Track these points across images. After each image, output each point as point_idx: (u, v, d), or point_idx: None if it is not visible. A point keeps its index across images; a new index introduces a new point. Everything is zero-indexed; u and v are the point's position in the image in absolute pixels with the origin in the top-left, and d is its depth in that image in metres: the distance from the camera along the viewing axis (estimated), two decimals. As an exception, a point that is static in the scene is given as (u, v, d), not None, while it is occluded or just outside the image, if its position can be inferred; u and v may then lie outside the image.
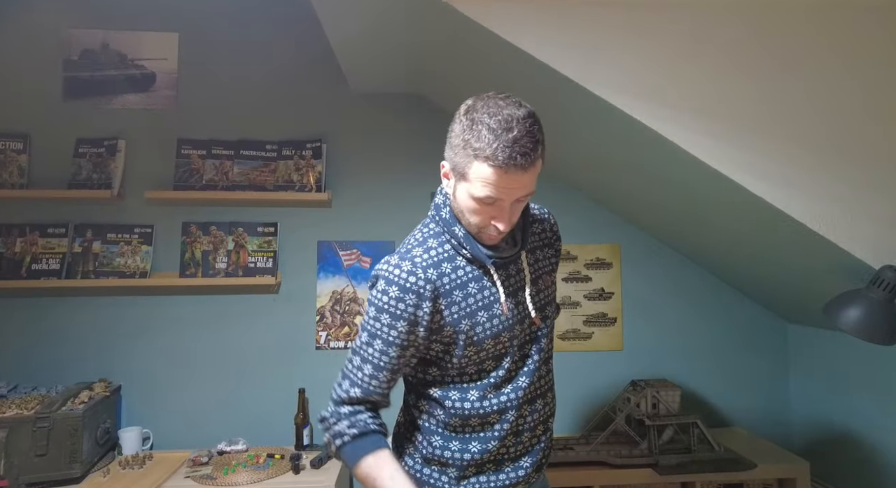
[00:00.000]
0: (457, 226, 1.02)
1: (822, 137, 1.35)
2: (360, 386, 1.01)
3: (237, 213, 2.27)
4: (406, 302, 0.97)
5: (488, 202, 0.92)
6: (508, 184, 0.90)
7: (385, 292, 0.98)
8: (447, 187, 1.02)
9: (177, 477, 1.89)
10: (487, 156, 0.88)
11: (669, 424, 1.98)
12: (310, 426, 2.17)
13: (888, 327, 1.34)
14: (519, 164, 0.87)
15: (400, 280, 0.98)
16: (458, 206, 0.98)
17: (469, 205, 0.95)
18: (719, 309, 2.40)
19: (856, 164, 1.35)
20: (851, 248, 1.40)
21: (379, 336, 0.99)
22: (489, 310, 1.02)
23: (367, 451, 0.98)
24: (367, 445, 0.98)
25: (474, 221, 0.97)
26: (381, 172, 2.34)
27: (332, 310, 2.30)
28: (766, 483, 1.99)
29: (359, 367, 1.02)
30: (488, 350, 1.03)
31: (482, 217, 0.96)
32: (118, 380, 2.18)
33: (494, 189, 0.90)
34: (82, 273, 2.15)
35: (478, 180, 0.90)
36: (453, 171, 0.96)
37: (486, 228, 0.97)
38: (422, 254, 1.01)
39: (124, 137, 2.25)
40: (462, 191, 0.95)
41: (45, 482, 1.78)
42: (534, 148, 0.89)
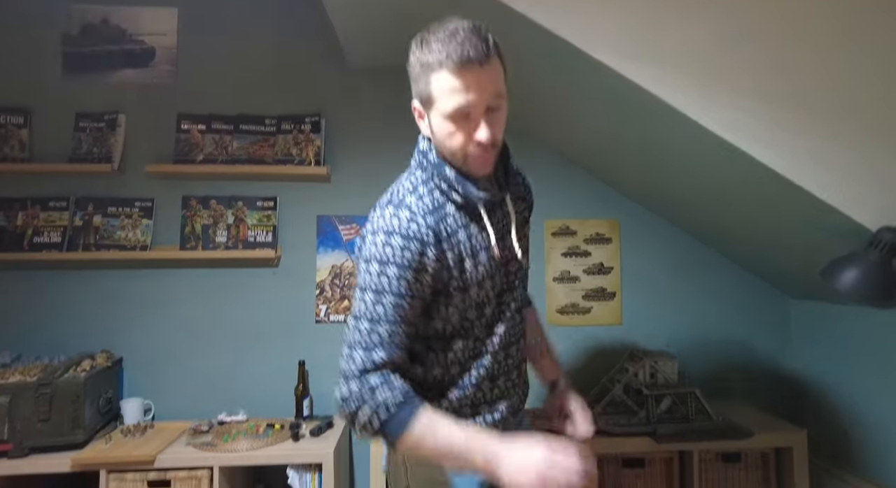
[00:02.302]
0: (446, 167, 1.00)
1: (824, 101, 1.34)
2: (382, 347, 0.95)
3: (237, 188, 2.28)
4: (411, 250, 0.95)
5: (461, 115, 0.92)
6: (472, 84, 0.89)
7: (387, 243, 0.95)
8: (425, 128, 1.02)
9: (178, 444, 1.91)
10: (441, 61, 0.89)
11: (667, 394, 1.99)
12: (309, 397, 2.18)
13: (885, 288, 1.34)
14: (473, 59, 0.88)
15: (401, 229, 0.96)
16: (439, 140, 0.98)
17: (445, 128, 0.95)
18: (719, 284, 2.40)
19: (856, 127, 1.34)
20: (850, 211, 1.39)
21: (388, 290, 0.95)
22: (476, 256, 1.02)
23: (416, 413, 0.91)
24: (414, 407, 0.92)
25: (456, 144, 0.95)
26: (381, 147, 2.33)
27: (332, 284, 2.31)
28: (763, 452, 2.00)
29: (372, 330, 0.95)
30: (473, 298, 1.03)
31: (462, 136, 0.94)
32: (119, 353, 2.20)
33: (460, 94, 0.90)
34: (83, 246, 2.16)
35: (442, 95, 0.91)
36: (422, 103, 0.97)
37: (471, 151, 0.96)
38: (416, 202, 0.99)
39: (124, 112, 2.25)
40: (435, 117, 0.95)
41: (49, 446, 1.80)
42: (484, 43, 0.89)
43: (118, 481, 1.82)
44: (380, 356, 0.93)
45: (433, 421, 0.91)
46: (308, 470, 1.92)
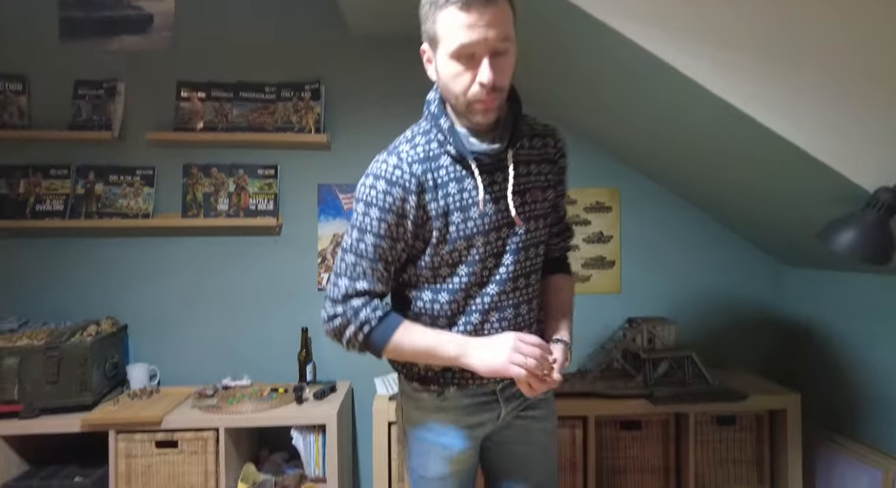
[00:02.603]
0: (443, 117, 1.03)
1: (824, 62, 1.33)
2: (364, 278, 1.03)
3: (237, 155, 2.28)
4: (393, 195, 1.00)
5: (465, 54, 0.92)
6: (477, 24, 0.89)
7: (373, 186, 1.01)
8: (432, 74, 1.03)
9: (183, 407, 1.95)
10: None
11: (664, 358, 2.02)
12: (313, 363, 2.22)
13: (882, 247, 1.35)
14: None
15: (386, 173, 1.01)
16: (443, 83, 0.99)
17: (449, 69, 0.95)
18: (717, 252, 2.42)
19: (853, 88, 1.34)
20: (848, 172, 1.40)
21: (370, 230, 1.01)
22: (466, 211, 1.04)
23: (395, 326, 1.03)
24: (393, 321, 1.03)
25: (459, 87, 0.96)
26: (381, 115, 2.33)
27: (334, 252, 2.33)
28: (757, 414, 2.05)
29: (355, 263, 1.03)
30: (461, 251, 1.06)
31: (466, 78, 0.94)
32: (124, 320, 2.23)
33: (465, 31, 0.89)
34: (86, 214, 2.18)
35: (448, 32, 0.91)
36: (429, 44, 0.98)
37: (473, 94, 0.95)
38: (408, 150, 1.03)
39: (123, 79, 2.24)
40: (441, 58, 0.96)
41: (58, 408, 1.84)
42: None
43: (127, 441, 1.87)
44: (362, 286, 1.02)
45: (410, 328, 1.04)
46: (312, 432, 1.96)
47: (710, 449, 2.04)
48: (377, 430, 1.93)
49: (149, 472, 1.87)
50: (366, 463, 2.33)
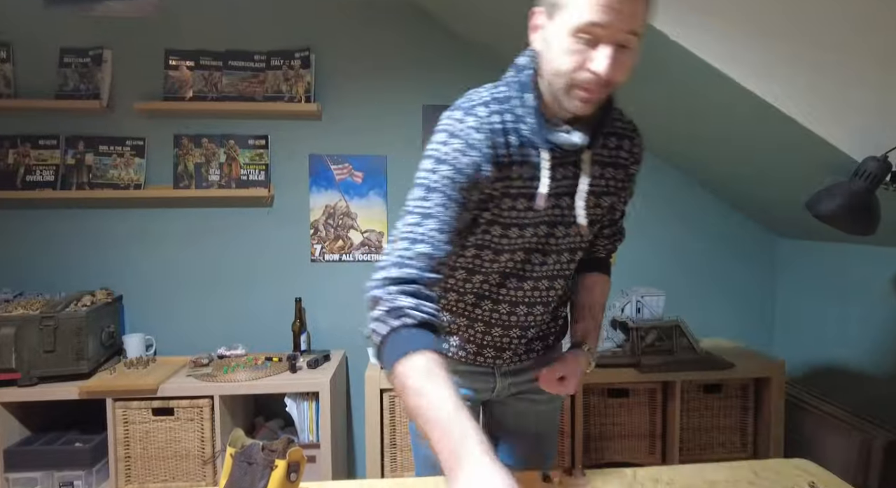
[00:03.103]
0: (531, 92, 0.91)
1: (815, 31, 1.32)
2: (427, 242, 0.86)
3: (228, 126, 2.26)
4: (470, 156, 0.88)
5: (589, 33, 0.79)
6: (615, 5, 0.77)
7: (446, 143, 0.89)
8: (537, 42, 0.89)
9: (179, 376, 1.99)
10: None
11: (653, 327, 2.05)
12: (307, 333, 2.25)
13: (867, 217, 1.36)
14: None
15: (462, 133, 0.89)
16: (549, 56, 0.85)
17: (563, 44, 0.82)
18: (709, 222, 2.43)
19: (843, 56, 1.33)
20: (837, 142, 1.40)
21: (438, 189, 0.88)
22: (528, 199, 0.94)
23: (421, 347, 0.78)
24: (423, 340, 0.80)
25: (567, 66, 0.83)
26: (372, 84, 2.30)
27: (326, 223, 2.33)
28: (743, 383, 2.09)
29: (418, 223, 0.87)
30: (511, 239, 0.98)
31: (578, 59, 0.82)
32: (118, 291, 2.24)
33: (600, 9, 0.77)
34: (77, 185, 2.17)
35: (578, 3, 0.78)
36: (547, 8, 0.84)
37: (579, 79, 0.83)
38: (486, 116, 0.91)
39: (110, 47, 2.20)
40: (557, 28, 0.82)
41: (55, 376, 1.88)
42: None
43: (124, 409, 1.91)
44: (423, 249, 0.85)
45: (431, 373, 0.76)
46: (305, 399, 2.00)
47: (695, 416, 2.09)
48: (370, 398, 1.97)
49: (146, 439, 1.92)
50: (359, 429, 2.38)
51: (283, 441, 0.99)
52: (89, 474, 1.90)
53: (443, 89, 2.31)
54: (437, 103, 2.30)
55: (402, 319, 0.81)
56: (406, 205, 0.90)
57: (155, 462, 1.93)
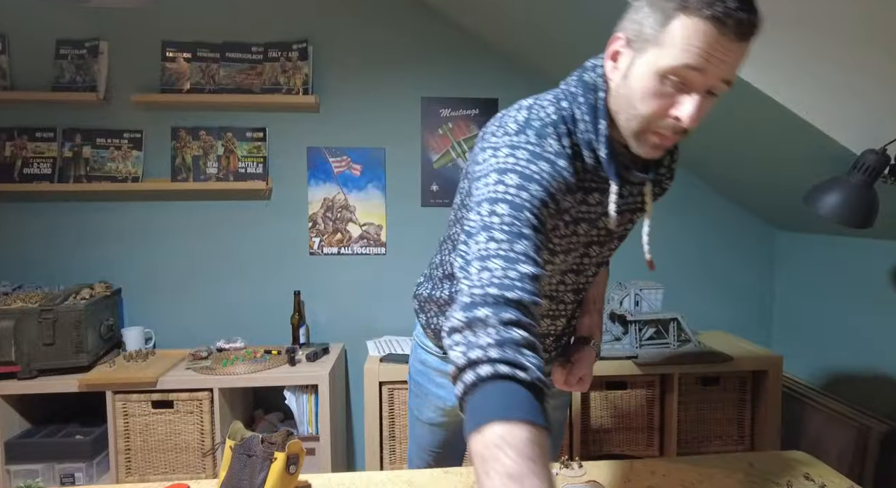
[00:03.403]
0: (605, 119, 0.81)
1: (811, 21, 1.31)
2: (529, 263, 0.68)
3: (226, 118, 2.25)
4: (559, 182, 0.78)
5: (681, 78, 0.72)
6: (718, 52, 0.69)
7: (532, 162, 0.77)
8: (613, 71, 0.80)
9: (178, 369, 1.99)
10: (704, 3, 0.68)
11: (651, 321, 2.06)
12: (305, 326, 2.25)
13: (864, 211, 1.36)
14: (743, 22, 0.68)
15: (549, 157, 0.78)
16: (628, 92, 0.77)
17: (648, 85, 0.74)
18: (707, 215, 2.43)
19: (844, 50, 1.32)
20: (836, 134, 1.40)
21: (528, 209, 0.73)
22: (574, 225, 0.89)
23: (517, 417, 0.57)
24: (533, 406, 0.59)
25: (647, 110, 0.75)
26: (371, 76, 2.29)
27: (324, 216, 2.33)
28: (741, 376, 2.10)
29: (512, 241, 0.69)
30: (554, 265, 0.93)
31: (660, 103, 0.74)
32: (117, 284, 2.24)
33: (700, 54, 0.69)
34: (74, 177, 2.16)
35: (678, 42, 0.70)
36: (636, 39, 0.75)
37: (658, 126, 0.77)
38: (560, 139, 0.81)
39: (106, 38, 2.19)
40: (644, 65, 0.74)
41: (55, 369, 1.88)
42: (755, 13, 0.70)
43: (124, 402, 1.91)
44: (529, 269, 0.68)
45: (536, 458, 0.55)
46: (304, 392, 2.01)
47: (693, 408, 2.10)
48: (368, 390, 1.98)
49: (146, 431, 1.93)
50: (358, 422, 2.39)
51: (282, 433, 0.99)
52: (90, 466, 1.91)
53: (441, 81, 2.30)
54: (435, 95, 2.30)
55: (516, 370, 0.60)
56: (483, 220, 0.72)
57: (155, 454, 1.94)
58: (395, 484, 1.07)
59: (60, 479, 1.90)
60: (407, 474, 1.11)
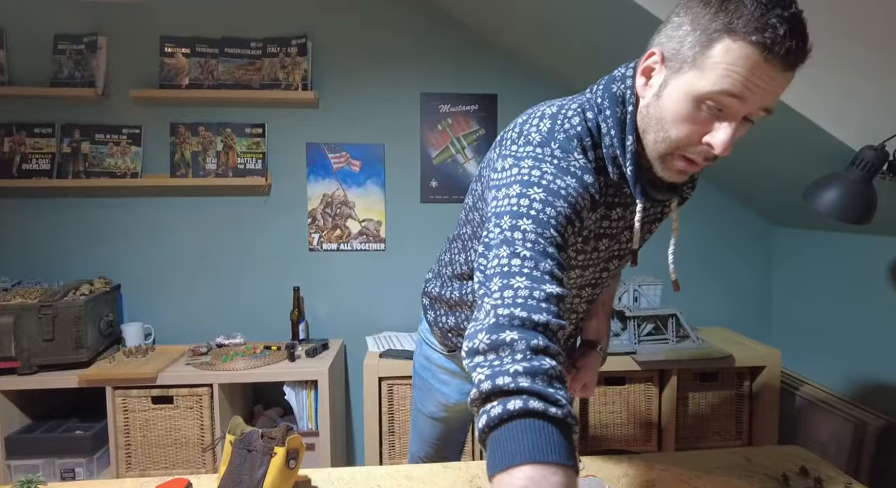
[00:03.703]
0: (632, 134, 0.77)
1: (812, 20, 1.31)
2: (553, 283, 0.65)
3: (225, 114, 2.25)
4: (585, 200, 0.75)
5: (718, 103, 0.67)
6: (761, 80, 0.65)
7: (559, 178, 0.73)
8: (644, 87, 0.76)
9: (178, 364, 2.00)
10: (753, 28, 0.63)
11: (650, 316, 2.06)
12: (305, 322, 2.26)
13: (863, 206, 1.36)
14: (791, 50, 0.64)
15: (576, 172, 0.74)
16: (659, 113, 0.73)
17: (683, 108, 0.70)
18: (705, 211, 2.43)
19: (844, 46, 1.32)
20: (835, 131, 1.40)
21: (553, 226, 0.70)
22: (597, 240, 0.87)
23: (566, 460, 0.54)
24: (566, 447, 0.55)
25: (678, 134, 0.71)
26: (370, 72, 2.29)
27: (324, 212, 2.33)
28: (739, 371, 2.10)
29: (537, 259, 0.66)
30: (571, 280, 0.91)
31: (693, 129, 0.70)
32: (117, 280, 2.24)
33: (742, 81, 0.65)
34: (73, 173, 2.16)
35: (721, 66, 0.65)
36: (673, 58, 0.70)
37: (689, 152, 0.73)
38: (587, 153, 0.78)
39: (104, 33, 2.18)
40: (680, 86, 0.69)
41: (55, 364, 1.88)
42: (804, 43, 0.66)
43: (123, 397, 1.92)
44: (555, 289, 0.64)
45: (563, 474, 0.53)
46: (304, 387, 2.01)
47: (691, 403, 2.11)
48: (368, 386, 1.99)
49: (146, 426, 1.93)
50: (357, 417, 2.40)
51: (282, 428, 1.00)
52: (90, 461, 1.92)
53: (441, 77, 2.29)
54: (434, 91, 2.29)
55: (548, 406, 0.56)
56: (504, 235, 0.69)
57: (155, 449, 1.95)
58: (395, 478, 1.08)
59: (61, 474, 1.90)
60: (406, 469, 1.12)
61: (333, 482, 1.07)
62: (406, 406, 2.03)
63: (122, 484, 1.06)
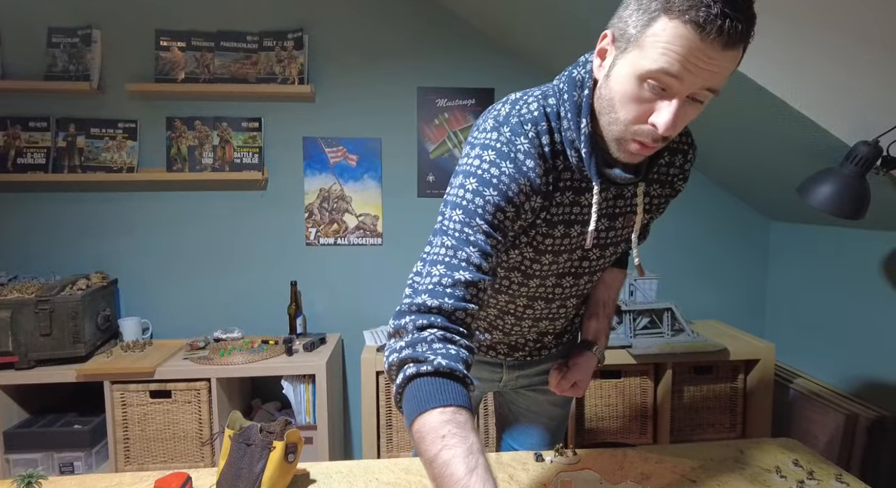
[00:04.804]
0: (586, 119, 0.79)
1: (807, 16, 1.31)
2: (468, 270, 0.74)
3: (221, 108, 2.24)
4: (521, 185, 0.78)
5: (657, 83, 0.68)
6: (699, 60, 0.65)
7: (495, 165, 0.78)
8: (598, 69, 0.77)
9: (176, 359, 2.00)
10: (687, 6, 0.63)
11: (645, 310, 2.08)
12: (303, 316, 2.26)
13: (856, 201, 1.37)
14: (726, 30, 0.63)
15: (515, 158, 0.78)
16: (609, 94, 0.74)
17: (628, 88, 0.71)
18: (701, 206, 2.44)
19: (838, 42, 1.32)
20: (829, 126, 1.40)
21: (482, 215, 0.76)
22: (569, 226, 0.88)
23: (443, 403, 0.67)
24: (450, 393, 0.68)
25: (627, 115, 0.73)
26: (366, 66, 2.28)
27: (321, 207, 2.33)
28: (733, 365, 2.12)
29: (457, 247, 0.75)
30: (543, 265, 0.92)
31: (639, 109, 0.71)
32: (114, 275, 2.24)
33: (679, 59, 0.65)
34: (69, 167, 2.15)
35: (659, 44, 0.66)
36: (620, 38, 0.71)
37: (635, 132, 0.74)
38: (538, 137, 0.80)
39: (99, 27, 2.17)
40: (625, 65, 0.71)
41: (52, 359, 1.89)
42: (745, 21, 0.65)
43: (122, 392, 1.92)
44: (466, 276, 0.74)
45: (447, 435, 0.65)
46: (302, 382, 2.02)
47: (686, 396, 2.13)
48: (366, 380, 1.99)
49: (144, 421, 1.94)
50: (355, 411, 2.42)
51: (280, 422, 1.01)
52: (89, 455, 1.92)
53: (437, 71, 2.29)
54: (431, 85, 2.29)
55: (421, 366, 0.69)
56: (443, 224, 0.78)
57: (153, 443, 1.95)
58: (393, 471, 1.09)
59: (60, 468, 1.91)
60: (404, 462, 1.13)
61: (332, 475, 1.08)
62: (403, 399, 2.04)
63: (121, 478, 1.06)
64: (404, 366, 0.71)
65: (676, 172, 0.95)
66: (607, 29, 0.75)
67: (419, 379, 0.69)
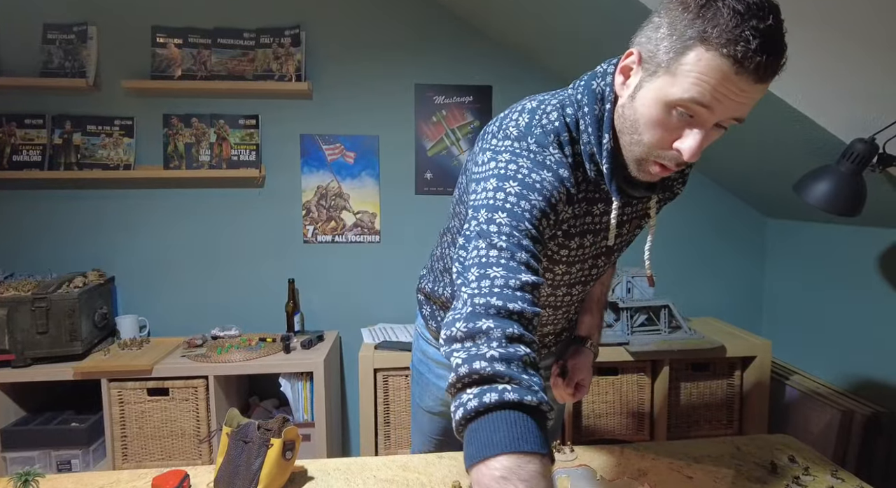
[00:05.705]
0: (608, 132, 0.78)
1: (804, 15, 1.31)
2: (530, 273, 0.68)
3: (218, 105, 2.23)
4: (560, 193, 0.76)
5: (688, 111, 0.68)
6: (731, 92, 0.65)
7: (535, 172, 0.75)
8: (621, 87, 0.76)
9: (173, 356, 2.00)
10: (725, 40, 0.63)
11: (642, 307, 2.08)
12: (300, 313, 2.26)
13: (853, 199, 1.37)
14: (762, 65, 0.63)
15: (552, 166, 0.76)
16: (633, 115, 0.74)
17: (655, 113, 0.70)
18: (698, 203, 2.44)
19: (835, 40, 1.33)
20: (826, 124, 1.41)
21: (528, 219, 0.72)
22: (582, 237, 0.88)
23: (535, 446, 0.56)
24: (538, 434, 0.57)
25: (649, 138, 0.72)
26: (364, 63, 2.27)
27: (318, 204, 2.33)
28: (730, 362, 2.13)
29: (513, 250, 0.68)
30: (556, 275, 0.92)
31: (665, 134, 0.71)
32: (111, 272, 2.24)
33: (711, 91, 0.65)
34: (65, 165, 2.14)
35: (692, 74, 0.65)
36: (649, 61, 0.70)
37: (658, 156, 0.74)
38: (564, 148, 0.79)
39: (94, 23, 2.16)
40: (653, 90, 0.70)
41: (49, 357, 1.88)
42: (779, 55, 0.65)
43: (119, 390, 1.92)
44: (529, 278, 0.67)
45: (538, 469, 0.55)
46: (299, 379, 2.02)
47: (683, 393, 2.14)
48: (363, 377, 2.00)
49: (142, 418, 1.94)
50: (353, 408, 2.42)
51: (278, 420, 1.01)
52: (86, 453, 1.92)
53: (435, 68, 2.29)
54: (429, 82, 2.29)
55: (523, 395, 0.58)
56: (481, 227, 0.71)
57: (151, 441, 1.95)
58: (391, 468, 1.09)
59: (57, 466, 1.91)
60: (402, 459, 1.13)
61: (329, 472, 1.08)
62: (401, 397, 2.05)
63: (118, 476, 1.06)
64: (500, 386, 0.58)
65: (677, 177, 0.96)
66: (633, 46, 0.74)
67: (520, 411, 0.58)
